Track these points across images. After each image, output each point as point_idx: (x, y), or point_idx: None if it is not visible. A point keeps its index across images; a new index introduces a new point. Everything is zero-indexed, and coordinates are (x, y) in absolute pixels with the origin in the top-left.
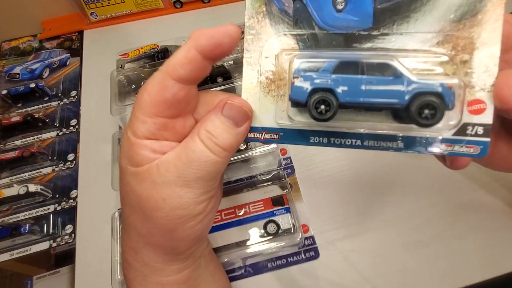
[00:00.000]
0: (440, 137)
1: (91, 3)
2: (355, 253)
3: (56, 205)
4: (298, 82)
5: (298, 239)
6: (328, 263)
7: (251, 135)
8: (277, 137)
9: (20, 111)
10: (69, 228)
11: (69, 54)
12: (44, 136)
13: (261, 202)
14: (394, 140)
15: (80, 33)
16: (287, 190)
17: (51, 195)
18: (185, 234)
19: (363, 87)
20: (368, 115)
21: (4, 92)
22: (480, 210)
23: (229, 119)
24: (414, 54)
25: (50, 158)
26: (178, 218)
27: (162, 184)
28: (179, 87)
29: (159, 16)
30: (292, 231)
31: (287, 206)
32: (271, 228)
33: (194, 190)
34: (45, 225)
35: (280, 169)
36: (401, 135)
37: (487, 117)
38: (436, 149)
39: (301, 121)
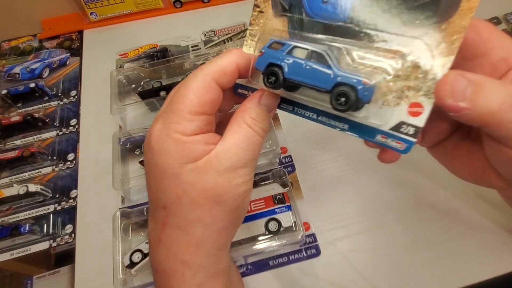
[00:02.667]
0: (379, 128)
1: (91, 3)
2: (355, 253)
3: (56, 205)
4: (261, 56)
5: (300, 237)
6: (329, 261)
7: (241, 90)
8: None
9: (20, 111)
10: (69, 228)
11: (69, 54)
12: (44, 136)
13: (262, 200)
14: (341, 121)
15: (80, 32)
16: (288, 188)
17: (51, 195)
18: (243, 208)
19: (302, 69)
20: (323, 95)
21: (4, 92)
22: (480, 210)
23: (266, 106)
24: (376, 50)
25: (50, 158)
26: (241, 195)
27: (225, 169)
28: (220, 90)
29: (159, 16)
30: (294, 229)
31: (288, 204)
32: (273, 226)
33: (250, 169)
34: (45, 225)
35: (281, 167)
36: (348, 118)
37: (421, 121)
38: (373, 137)
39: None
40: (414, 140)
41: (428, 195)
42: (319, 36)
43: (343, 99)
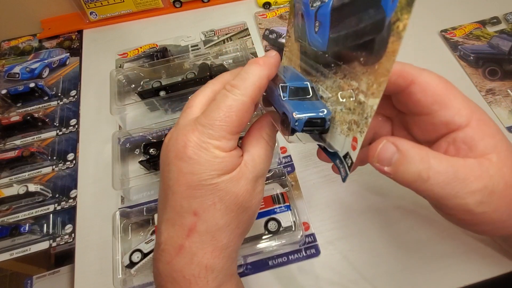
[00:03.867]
0: (338, 154)
1: (90, 3)
2: (355, 253)
3: (56, 204)
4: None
5: (299, 237)
6: (328, 261)
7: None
8: None
9: (20, 110)
10: (69, 227)
11: (68, 54)
12: (44, 135)
13: (262, 200)
14: (319, 140)
15: (80, 32)
16: (287, 188)
17: (51, 195)
18: (256, 212)
19: (274, 95)
20: None
21: (4, 91)
22: None
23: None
24: (340, 80)
25: (49, 157)
26: (259, 201)
27: (252, 178)
28: (254, 107)
29: (159, 16)
30: (293, 228)
31: (288, 204)
32: (272, 226)
33: (264, 178)
34: (45, 225)
35: (281, 167)
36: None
37: (354, 156)
38: (334, 160)
39: None
40: (348, 173)
41: None
42: (311, 62)
43: (285, 124)
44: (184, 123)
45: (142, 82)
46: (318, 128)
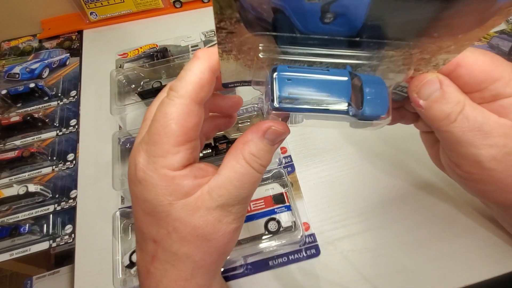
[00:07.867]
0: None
1: (90, 3)
2: (355, 253)
3: (56, 205)
4: None
5: (299, 237)
6: (328, 261)
7: (231, 85)
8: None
9: (20, 111)
10: (68, 228)
11: (68, 54)
12: (44, 136)
13: (262, 200)
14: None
15: (80, 32)
16: (287, 188)
17: (51, 195)
18: (233, 244)
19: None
20: None
21: (4, 92)
22: (480, 210)
23: (270, 141)
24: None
25: (49, 158)
26: (231, 232)
27: (216, 208)
28: (202, 109)
29: (159, 16)
30: (293, 229)
31: (288, 204)
32: (272, 226)
33: (243, 206)
34: (45, 225)
35: (281, 167)
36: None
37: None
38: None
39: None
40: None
41: (428, 195)
42: (316, 50)
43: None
44: (137, 141)
45: (142, 82)
46: None
